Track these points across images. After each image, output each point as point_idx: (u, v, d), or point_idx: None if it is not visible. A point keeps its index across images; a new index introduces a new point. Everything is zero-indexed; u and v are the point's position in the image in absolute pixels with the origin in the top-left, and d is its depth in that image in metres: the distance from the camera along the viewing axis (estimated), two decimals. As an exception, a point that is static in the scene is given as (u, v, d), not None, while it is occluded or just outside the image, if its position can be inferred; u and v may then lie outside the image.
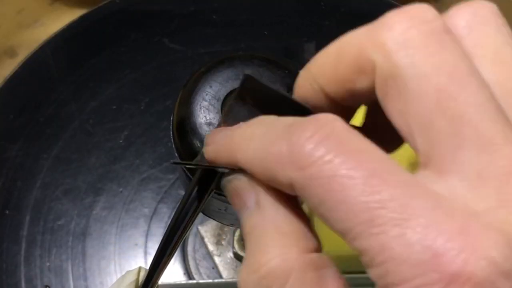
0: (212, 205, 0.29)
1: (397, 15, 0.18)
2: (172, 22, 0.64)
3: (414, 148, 0.17)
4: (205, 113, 0.26)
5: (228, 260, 0.50)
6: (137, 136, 0.57)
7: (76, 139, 0.57)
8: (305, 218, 0.19)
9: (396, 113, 0.18)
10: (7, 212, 0.54)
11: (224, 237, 0.51)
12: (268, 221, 0.18)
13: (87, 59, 0.61)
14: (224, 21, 0.64)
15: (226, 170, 0.21)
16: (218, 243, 0.51)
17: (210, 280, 0.48)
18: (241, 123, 0.20)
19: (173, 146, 0.28)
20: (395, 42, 0.17)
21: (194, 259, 0.52)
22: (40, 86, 0.60)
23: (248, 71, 0.27)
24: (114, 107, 0.59)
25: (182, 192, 0.54)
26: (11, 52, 0.64)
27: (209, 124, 0.26)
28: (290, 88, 0.26)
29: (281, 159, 0.17)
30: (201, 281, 0.48)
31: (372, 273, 0.16)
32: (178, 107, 0.27)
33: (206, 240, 0.51)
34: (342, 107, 0.20)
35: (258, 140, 0.18)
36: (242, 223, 0.19)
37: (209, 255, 0.51)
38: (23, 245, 0.52)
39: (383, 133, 0.20)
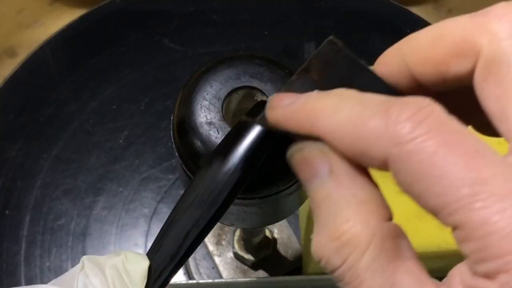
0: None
1: (506, 7, 0.19)
2: (172, 22, 0.64)
3: (504, 133, 0.18)
4: (205, 112, 0.26)
5: (228, 260, 0.50)
6: (137, 136, 0.57)
7: (76, 139, 0.57)
8: (378, 189, 0.19)
9: (494, 97, 0.18)
10: (7, 212, 0.54)
11: (224, 237, 0.51)
12: (344, 189, 0.19)
13: (87, 59, 0.61)
14: (224, 21, 0.64)
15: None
16: (218, 243, 0.51)
17: (210, 280, 0.48)
18: (316, 92, 0.20)
19: (174, 145, 0.28)
20: (504, 31, 0.18)
21: (194, 259, 0.52)
22: (40, 86, 0.60)
23: (248, 71, 0.27)
24: (114, 107, 0.59)
25: (182, 192, 0.54)
26: (11, 52, 0.64)
27: (210, 123, 0.26)
28: None
29: (377, 134, 0.17)
30: (201, 281, 0.48)
31: (468, 247, 0.16)
32: (178, 106, 0.27)
33: (206, 240, 0.51)
34: (418, 90, 0.21)
35: (347, 112, 0.18)
36: (312, 192, 0.19)
37: (209, 255, 0.51)
38: (23, 245, 0.52)
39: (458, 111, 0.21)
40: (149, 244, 0.53)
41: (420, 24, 0.63)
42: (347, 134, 0.18)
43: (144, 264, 0.24)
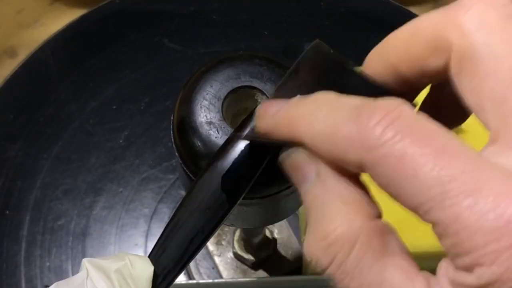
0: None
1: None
2: (172, 22, 0.64)
3: (485, 124, 0.18)
4: (205, 112, 0.26)
5: (228, 260, 0.50)
6: (137, 136, 0.57)
7: (76, 139, 0.57)
8: (365, 188, 0.19)
9: (469, 90, 0.18)
10: (7, 212, 0.54)
11: (224, 237, 0.51)
12: (330, 191, 0.19)
13: (87, 59, 0.61)
14: (224, 21, 0.64)
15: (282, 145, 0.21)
16: (218, 243, 0.51)
17: (210, 280, 0.48)
18: (299, 97, 0.21)
19: (174, 145, 0.28)
20: (473, 23, 0.18)
21: (194, 259, 0.52)
22: (40, 86, 0.60)
23: (248, 71, 0.27)
24: (114, 107, 0.59)
25: (182, 192, 0.54)
26: (11, 52, 0.64)
27: (210, 123, 0.26)
28: None
29: (350, 140, 0.18)
30: (201, 281, 0.48)
31: (445, 243, 0.16)
32: (178, 106, 0.27)
33: (206, 240, 0.51)
34: (408, 86, 0.21)
35: (324, 118, 0.19)
36: (303, 195, 0.20)
37: (209, 255, 0.51)
38: (23, 245, 0.52)
39: (443, 111, 0.21)
40: (149, 244, 0.53)
41: (420, 24, 0.63)
42: (323, 141, 0.19)
43: (149, 269, 0.24)
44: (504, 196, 0.16)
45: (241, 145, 0.23)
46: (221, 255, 0.51)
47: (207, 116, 0.26)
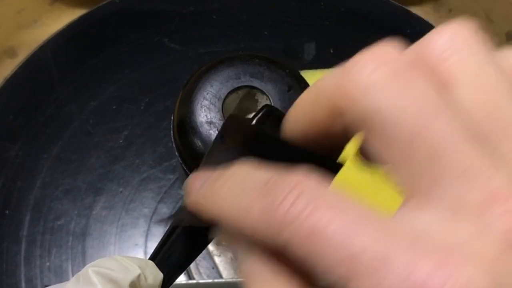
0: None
1: (362, 58, 0.18)
2: (172, 22, 0.64)
3: (399, 184, 0.17)
4: (205, 112, 0.26)
5: (228, 260, 0.50)
6: (137, 136, 0.57)
7: (76, 139, 0.57)
8: (291, 271, 0.18)
9: (378, 151, 0.18)
10: (7, 212, 0.54)
11: (224, 237, 0.51)
12: (256, 271, 0.18)
13: (87, 59, 0.61)
14: (224, 21, 0.64)
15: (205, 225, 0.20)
16: (218, 243, 0.51)
17: (210, 280, 0.48)
18: (220, 171, 0.20)
19: (174, 145, 0.28)
20: (360, 89, 0.17)
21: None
22: (40, 86, 0.60)
23: (248, 71, 0.27)
24: (114, 107, 0.59)
25: (182, 192, 0.54)
26: (11, 52, 0.64)
27: (210, 123, 0.26)
28: (290, 87, 0.26)
29: (260, 224, 0.17)
30: (201, 281, 0.48)
31: None
32: (178, 106, 0.27)
33: (206, 240, 0.51)
34: (328, 146, 0.21)
35: (237, 198, 0.18)
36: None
37: (209, 255, 0.51)
38: (23, 245, 0.52)
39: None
40: (149, 244, 0.53)
41: (420, 24, 0.63)
42: (239, 223, 0.18)
43: (159, 277, 0.24)
44: (412, 266, 0.15)
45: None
46: (221, 255, 0.51)
47: (208, 116, 0.26)
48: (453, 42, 0.19)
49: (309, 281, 0.18)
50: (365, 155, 0.20)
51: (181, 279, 0.51)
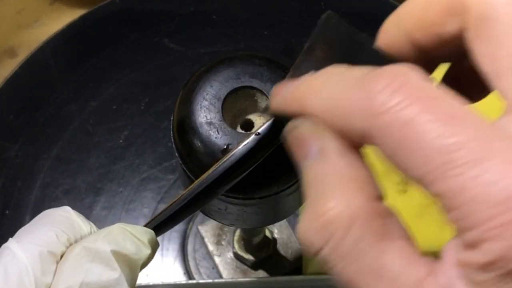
0: (213, 205, 0.29)
1: None
2: (172, 22, 0.64)
3: (501, 92, 0.17)
4: (205, 112, 0.26)
5: (228, 260, 0.50)
6: (137, 136, 0.57)
7: (76, 139, 0.57)
8: (369, 169, 0.18)
9: (486, 55, 0.17)
10: (7, 212, 0.54)
11: (224, 237, 0.51)
12: (332, 168, 0.18)
13: (87, 59, 0.61)
14: (224, 21, 0.64)
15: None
16: (218, 243, 0.51)
17: (210, 280, 0.48)
18: (310, 73, 0.20)
19: (173, 145, 0.28)
20: None
21: (194, 259, 0.52)
22: (40, 86, 0.60)
23: (248, 71, 0.27)
24: (114, 107, 0.59)
25: (182, 192, 0.54)
26: (11, 52, 0.64)
27: (210, 123, 0.26)
28: None
29: (355, 108, 0.17)
30: (201, 281, 0.48)
31: (451, 217, 0.15)
32: (178, 106, 0.27)
33: (206, 240, 0.51)
34: (425, 58, 0.20)
35: (330, 88, 0.18)
36: (303, 173, 0.19)
37: (209, 255, 0.51)
38: (23, 245, 0.52)
39: (464, 87, 0.20)
40: (149, 244, 0.53)
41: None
42: (329, 109, 0.18)
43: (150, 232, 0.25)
44: (507, 169, 0.14)
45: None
46: (221, 255, 0.51)
47: (207, 116, 0.26)
48: None
49: (379, 194, 0.18)
50: None
51: (181, 279, 0.51)
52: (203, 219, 0.52)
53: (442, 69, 0.23)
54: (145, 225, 0.26)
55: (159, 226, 0.26)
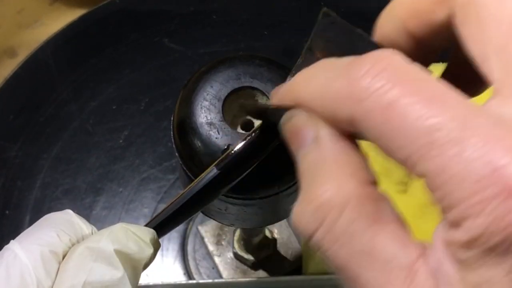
0: (213, 205, 0.29)
1: None
2: (172, 22, 0.64)
3: (488, 76, 0.17)
4: (205, 113, 0.26)
5: (228, 260, 0.50)
6: (137, 136, 0.57)
7: (76, 139, 0.57)
8: (363, 154, 0.19)
9: (473, 39, 0.18)
10: (7, 212, 0.54)
11: (224, 237, 0.51)
12: (325, 154, 0.18)
13: (87, 59, 0.61)
14: (224, 21, 0.64)
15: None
16: (218, 243, 0.51)
17: (210, 280, 0.48)
18: (304, 68, 0.20)
19: (174, 145, 0.28)
20: None
21: (194, 259, 0.52)
22: (40, 86, 0.60)
23: (248, 71, 0.27)
24: (114, 107, 0.59)
25: (182, 191, 0.54)
26: (11, 52, 0.64)
27: (210, 124, 0.26)
28: None
29: (340, 95, 0.17)
30: (201, 281, 0.48)
31: (435, 197, 0.15)
32: (178, 107, 0.27)
33: (206, 240, 0.51)
34: (422, 50, 0.21)
35: (318, 78, 0.19)
36: (299, 163, 0.19)
37: (209, 255, 0.51)
38: (23, 245, 0.52)
39: (461, 81, 0.20)
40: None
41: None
42: (319, 99, 0.18)
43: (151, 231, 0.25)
44: (493, 142, 0.15)
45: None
46: (221, 255, 0.51)
47: (208, 116, 0.26)
48: None
49: (373, 178, 0.18)
50: None
51: (181, 279, 0.51)
52: (203, 219, 0.52)
53: (440, 69, 0.23)
54: (146, 225, 0.26)
55: (160, 226, 0.26)
